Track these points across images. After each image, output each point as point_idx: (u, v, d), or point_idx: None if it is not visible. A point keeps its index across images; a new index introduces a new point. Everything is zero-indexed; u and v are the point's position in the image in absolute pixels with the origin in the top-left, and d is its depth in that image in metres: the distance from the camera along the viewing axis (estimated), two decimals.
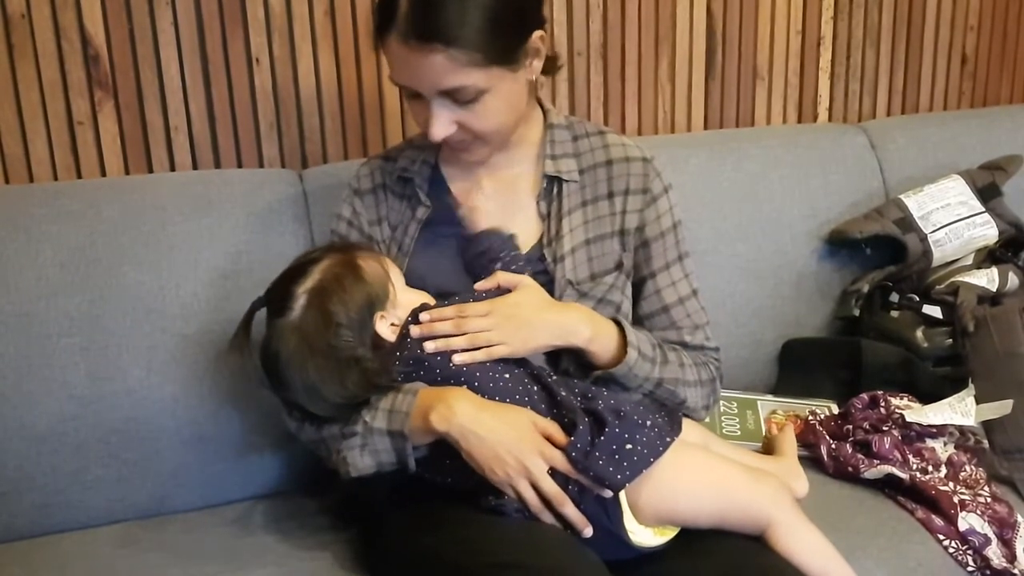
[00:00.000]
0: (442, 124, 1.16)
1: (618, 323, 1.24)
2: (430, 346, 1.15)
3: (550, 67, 1.29)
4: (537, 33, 1.18)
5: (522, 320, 1.17)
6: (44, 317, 1.35)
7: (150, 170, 1.59)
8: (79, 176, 1.56)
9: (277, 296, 1.16)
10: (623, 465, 1.06)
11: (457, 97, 1.14)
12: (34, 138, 1.53)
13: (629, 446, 1.07)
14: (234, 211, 1.45)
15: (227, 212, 1.45)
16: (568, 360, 1.24)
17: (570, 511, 1.08)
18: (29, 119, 1.52)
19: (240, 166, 1.64)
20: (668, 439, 1.10)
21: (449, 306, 1.18)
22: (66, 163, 1.55)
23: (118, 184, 1.50)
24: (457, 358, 1.14)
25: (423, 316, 1.17)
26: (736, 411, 1.57)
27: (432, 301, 1.21)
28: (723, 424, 1.53)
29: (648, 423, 1.10)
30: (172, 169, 1.60)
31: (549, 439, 1.09)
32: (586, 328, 1.20)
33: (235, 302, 1.40)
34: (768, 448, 1.44)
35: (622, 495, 1.09)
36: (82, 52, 1.52)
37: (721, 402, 1.58)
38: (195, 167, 1.61)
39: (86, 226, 1.39)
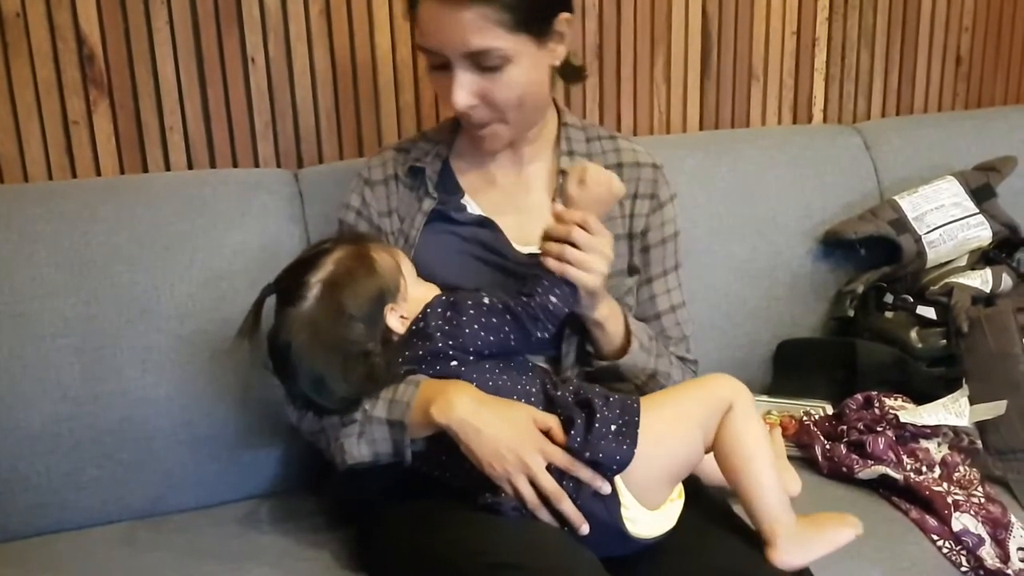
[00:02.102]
0: (464, 91, 1.16)
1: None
2: (550, 247, 1.13)
3: (577, 76, 1.32)
4: (564, 15, 1.20)
5: (607, 261, 1.16)
6: (38, 317, 1.34)
7: (145, 170, 1.59)
8: (74, 176, 1.56)
9: (289, 285, 1.15)
10: (620, 438, 1.07)
11: (482, 62, 1.15)
12: (29, 138, 1.52)
13: (614, 424, 1.08)
14: (229, 211, 1.45)
15: (222, 212, 1.44)
16: (573, 350, 1.24)
17: (567, 507, 1.08)
18: (24, 119, 1.51)
19: (235, 166, 1.64)
20: (634, 404, 1.10)
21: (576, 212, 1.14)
22: (61, 163, 1.55)
23: (113, 184, 1.50)
24: (553, 264, 1.13)
25: (564, 215, 1.13)
26: None
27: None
28: None
29: (625, 399, 1.11)
30: (167, 169, 1.60)
31: (548, 435, 1.09)
32: (605, 305, 1.21)
33: (230, 302, 1.40)
34: None
35: (620, 482, 1.09)
36: (77, 52, 1.51)
37: None
38: (190, 167, 1.61)
39: (81, 226, 1.38)
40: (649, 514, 1.11)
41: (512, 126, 1.23)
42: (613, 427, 1.08)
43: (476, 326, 1.15)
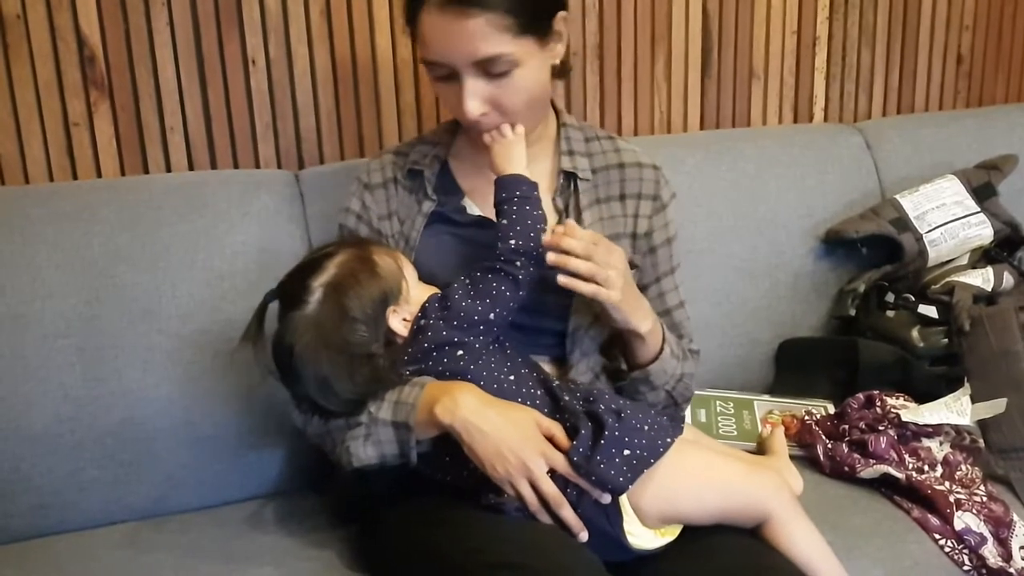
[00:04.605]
0: (475, 100, 1.17)
1: None
2: (551, 257, 1.12)
3: (562, 71, 1.31)
4: (561, 13, 1.21)
5: (628, 276, 1.18)
6: (40, 318, 1.34)
7: (146, 171, 1.59)
8: (75, 177, 1.56)
9: (292, 289, 1.15)
10: (623, 468, 1.06)
11: (491, 69, 1.15)
12: (30, 139, 1.52)
13: (628, 451, 1.07)
14: (230, 212, 1.45)
15: (223, 213, 1.45)
16: (578, 347, 1.26)
17: (567, 514, 1.08)
18: (25, 120, 1.51)
19: (236, 167, 1.64)
20: (668, 439, 1.10)
21: (584, 231, 1.14)
22: (62, 164, 1.55)
23: (114, 185, 1.50)
24: (563, 280, 1.12)
25: (558, 228, 1.13)
26: (733, 411, 1.57)
27: None
28: (720, 424, 1.53)
29: (647, 425, 1.10)
30: (168, 170, 1.60)
31: (552, 440, 1.09)
32: (649, 318, 1.23)
33: (231, 303, 1.40)
34: (761, 449, 1.45)
35: (623, 498, 1.09)
36: (78, 53, 1.51)
37: (717, 402, 1.59)
38: (191, 168, 1.61)
39: (82, 227, 1.39)
40: (651, 531, 1.11)
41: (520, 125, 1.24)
42: (626, 452, 1.07)
43: (468, 299, 1.16)
